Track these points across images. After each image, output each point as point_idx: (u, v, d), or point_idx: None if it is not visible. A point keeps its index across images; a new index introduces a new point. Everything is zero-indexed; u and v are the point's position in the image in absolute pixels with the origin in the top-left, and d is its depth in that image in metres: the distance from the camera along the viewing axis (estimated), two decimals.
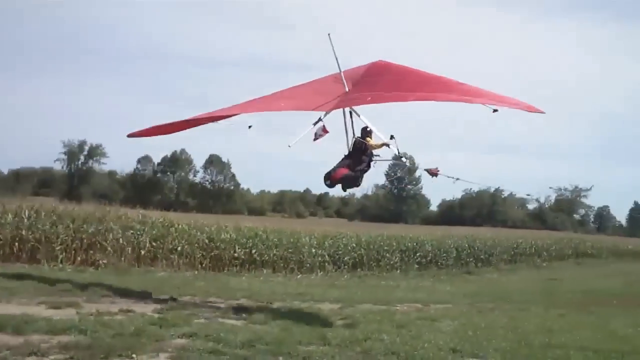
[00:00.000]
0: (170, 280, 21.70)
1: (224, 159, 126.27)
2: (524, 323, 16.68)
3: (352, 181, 16.03)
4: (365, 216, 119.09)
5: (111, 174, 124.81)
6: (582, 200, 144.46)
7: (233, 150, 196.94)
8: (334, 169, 15.83)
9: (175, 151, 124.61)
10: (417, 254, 35.34)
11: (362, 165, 15.90)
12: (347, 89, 16.32)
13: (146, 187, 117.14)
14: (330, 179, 15.89)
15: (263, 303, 17.29)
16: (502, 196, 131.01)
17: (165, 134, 19.28)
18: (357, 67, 17.19)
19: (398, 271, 33.07)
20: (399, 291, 24.57)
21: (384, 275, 31.23)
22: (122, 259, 25.12)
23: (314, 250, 30.63)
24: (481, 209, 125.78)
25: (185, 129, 18.61)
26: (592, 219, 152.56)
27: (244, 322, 13.67)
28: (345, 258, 31.69)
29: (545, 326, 16.36)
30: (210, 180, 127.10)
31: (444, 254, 36.97)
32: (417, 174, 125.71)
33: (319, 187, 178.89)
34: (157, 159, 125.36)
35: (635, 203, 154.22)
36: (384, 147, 15.96)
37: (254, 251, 28.54)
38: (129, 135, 18.96)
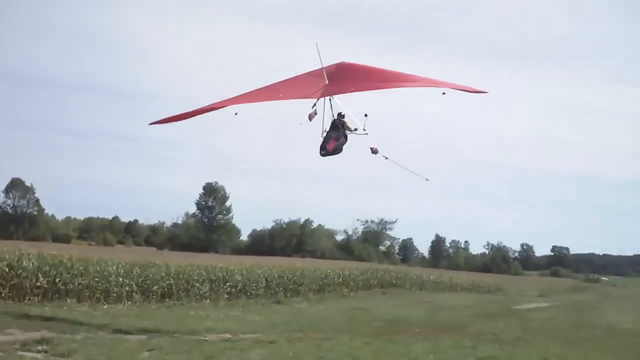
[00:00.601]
0: None
1: (27, 183, 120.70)
2: (330, 352, 17.02)
3: (337, 151, 20.21)
4: (175, 245, 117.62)
5: None
6: (388, 232, 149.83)
7: (37, 174, 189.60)
8: (326, 142, 19.95)
9: None
10: (227, 284, 35.11)
11: (342, 139, 20.18)
12: (326, 82, 20.08)
13: None
14: (326, 149, 19.91)
15: (66, 334, 16.60)
16: (312, 227, 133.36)
17: (180, 120, 22.20)
18: (327, 66, 20.50)
19: (208, 301, 32.69)
20: (208, 321, 24.36)
21: (194, 305, 30.80)
22: None
23: (121, 280, 29.64)
24: (291, 239, 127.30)
25: (196, 115, 21.89)
26: (397, 251, 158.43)
27: (46, 354, 13.10)
28: (154, 287, 30.96)
29: (352, 354, 16.77)
30: (11, 205, 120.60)
31: (254, 284, 36.96)
32: (228, 203, 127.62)
33: (128, 215, 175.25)
34: None
35: (437, 235, 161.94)
36: (354, 130, 20.37)
37: (57, 280, 27.24)
38: (151, 123, 22.77)
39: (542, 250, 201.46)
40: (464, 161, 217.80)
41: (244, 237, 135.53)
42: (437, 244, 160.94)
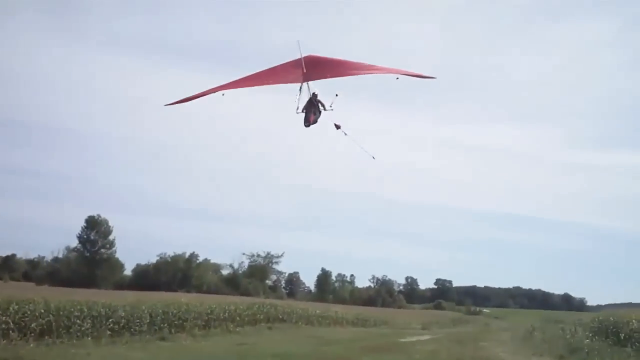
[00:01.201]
0: None
1: None
2: None
3: (315, 122, 22.59)
4: (56, 280, 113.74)
5: None
6: (274, 266, 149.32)
7: None
8: (307, 117, 22.47)
9: None
10: (110, 320, 34.16)
11: (317, 113, 22.60)
12: (304, 70, 21.98)
13: None
14: (309, 121, 22.46)
15: None
16: (197, 261, 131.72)
17: (190, 100, 22.82)
18: (298, 58, 22.29)
19: (89, 338, 31.68)
20: (90, 359, 23.68)
21: (74, 343, 29.82)
22: None
23: None
24: (176, 273, 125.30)
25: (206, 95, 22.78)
26: (284, 285, 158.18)
27: None
28: (32, 325, 29.82)
29: None
30: None
31: (138, 320, 36.09)
32: (111, 237, 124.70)
33: (5, 248, 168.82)
34: None
35: (323, 269, 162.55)
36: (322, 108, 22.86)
37: None
38: (167, 105, 23.55)
39: (426, 283, 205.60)
40: (348, 194, 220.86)
41: (127, 271, 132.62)
42: (323, 277, 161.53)
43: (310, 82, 23.63)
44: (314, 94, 23.80)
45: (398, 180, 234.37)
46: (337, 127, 23.18)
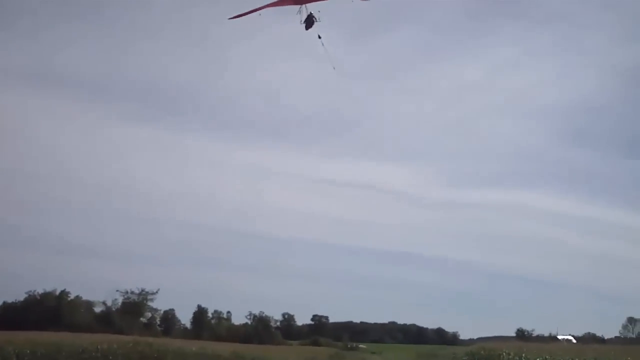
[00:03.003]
0: None
1: None
2: None
3: (311, 27, 33.86)
4: None
5: None
6: (149, 303, 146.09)
7: None
8: (307, 25, 33.88)
9: None
10: None
11: (313, 23, 33.73)
12: None
13: None
14: (307, 27, 33.49)
15: None
16: (68, 299, 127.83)
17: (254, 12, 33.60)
18: None
19: None
20: None
21: None
22: None
23: None
24: (46, 311, 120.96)
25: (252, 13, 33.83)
26: (159, 322, 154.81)
27: None
28: None
29: None
30: None
31: None
32: None
33: None
34: None
35: (199, 306, 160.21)
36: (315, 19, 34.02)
37: None
38: (231, 18, 34.22)
39: (303, 319, 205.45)
40: (226, 231, 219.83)
41: None
42: (200, 314, 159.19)
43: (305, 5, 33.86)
44: (310, 13, 34.67)
45: (275, 216, 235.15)
46: (319, 37, 34.24)
